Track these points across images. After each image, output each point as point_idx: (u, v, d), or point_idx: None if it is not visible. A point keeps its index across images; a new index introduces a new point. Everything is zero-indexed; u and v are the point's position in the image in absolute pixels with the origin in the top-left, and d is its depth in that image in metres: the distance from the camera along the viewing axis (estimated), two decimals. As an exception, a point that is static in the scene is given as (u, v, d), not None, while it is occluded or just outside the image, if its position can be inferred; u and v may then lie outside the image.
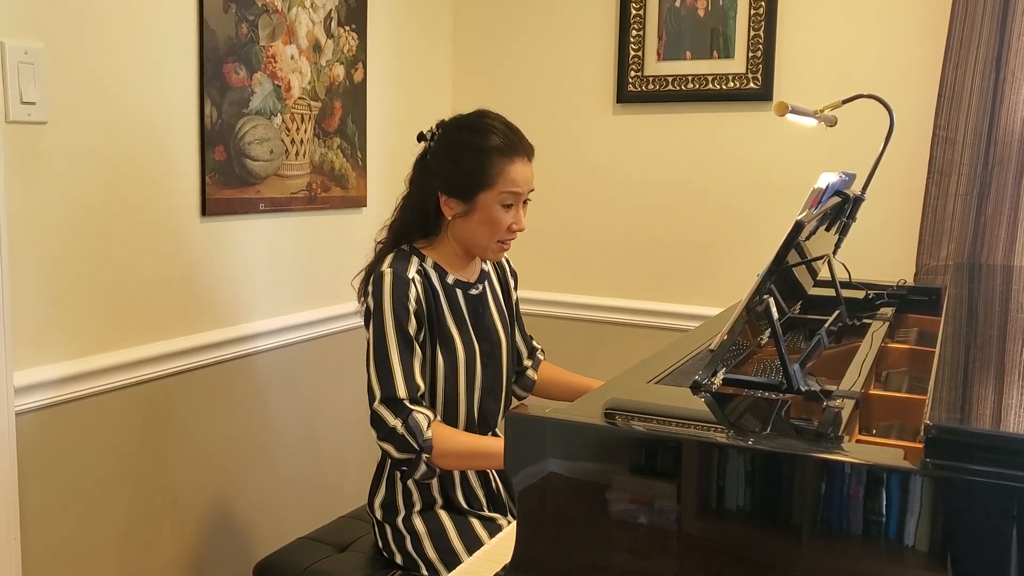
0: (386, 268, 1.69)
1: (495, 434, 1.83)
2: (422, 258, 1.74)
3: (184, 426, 2.10)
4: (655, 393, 1.18)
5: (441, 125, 1.78)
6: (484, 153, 1.69)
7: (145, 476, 2.01)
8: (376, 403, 1.64)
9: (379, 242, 1.81)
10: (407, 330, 1.66)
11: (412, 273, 1.69)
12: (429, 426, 1.62)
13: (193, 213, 2.06)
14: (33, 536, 1.77)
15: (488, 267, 1.89)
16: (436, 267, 1.74)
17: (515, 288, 1.96)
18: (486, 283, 1.85)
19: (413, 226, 1.77)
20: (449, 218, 1.74)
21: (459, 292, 1.77)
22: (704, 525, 0.96)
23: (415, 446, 1.60)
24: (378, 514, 1.79)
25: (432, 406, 1.73)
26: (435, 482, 1.75)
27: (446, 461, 1.63)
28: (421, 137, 1.80)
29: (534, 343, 2.04)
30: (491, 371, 1.80)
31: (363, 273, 1.78)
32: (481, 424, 1.80)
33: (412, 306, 1.67)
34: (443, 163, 1.73)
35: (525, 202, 1.76)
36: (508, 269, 1.96)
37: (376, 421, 1.64)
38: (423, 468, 1.62)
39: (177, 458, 2.09)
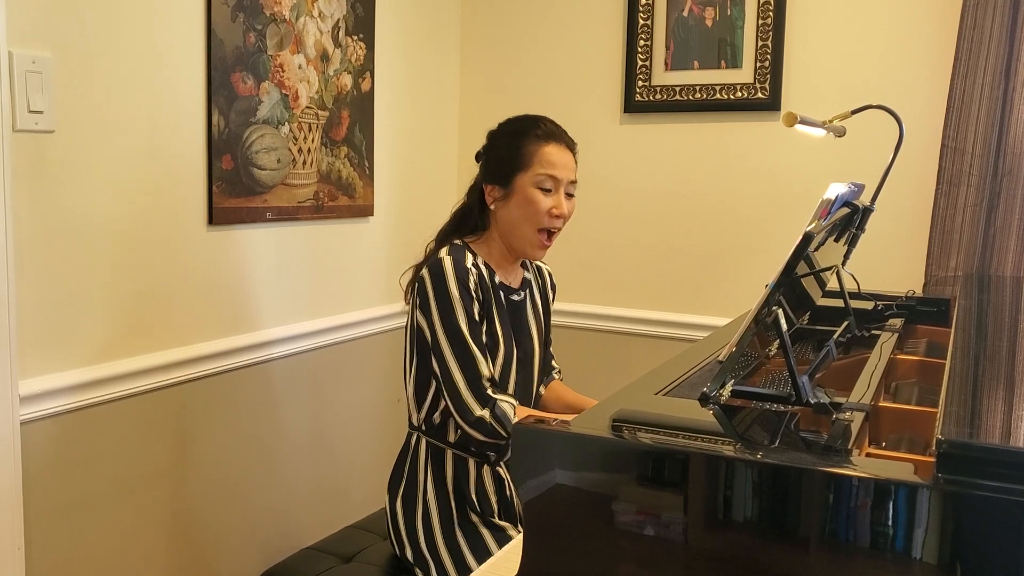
0: (444, 255, 1.72)
1: None
2: (474, 255, 1.77)
3: (189, 435, 2.09)
4: (663, 405, 1.17)
5: (489, 133, 1.86)
6: (519, 137, 1.78)
7: (151, 485, 2.01)
8: (464, 393, 1.67)
9: (429, 246, 1.86)
10: (473, 314, 1.70)
11: (468, 265, 1.73)
12: (515, 413, 1.67)
13: (200, 222, 2.06)
14: (38, 546, 1.77)
15: (530, 275, 1.92)
16: (486, 265, 1.78)
17: (552, 301, 2.00)
18: (527, 291, 1.89)
19: (460, 222, 1.84)
20: (492, 207, 1.79)
21: (503, 294, 1.80)
22: (711, 538, 0.95)
23: (504, 434, 1.66)
24: (395, 505, 1.79)
25: None
26: (450, 477, 1.77)
27: None
28: (479, 156, 1.87)
29: (552, 363, 2.06)
30: (523, 377, 1.83)
31: (411, 271, 1.81)
32: None
33: (474, 293, 1.71)
34: (486, 156, 1.83)
35: (570, 196, 1.80)
36: (549, 281, 2.00)
37: (462, 409, 1.67)
38: (511, 453, 1.68)
39: (182, 467, 2.08)
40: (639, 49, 2.70)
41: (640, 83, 2.71)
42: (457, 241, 1.79)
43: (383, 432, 2.68)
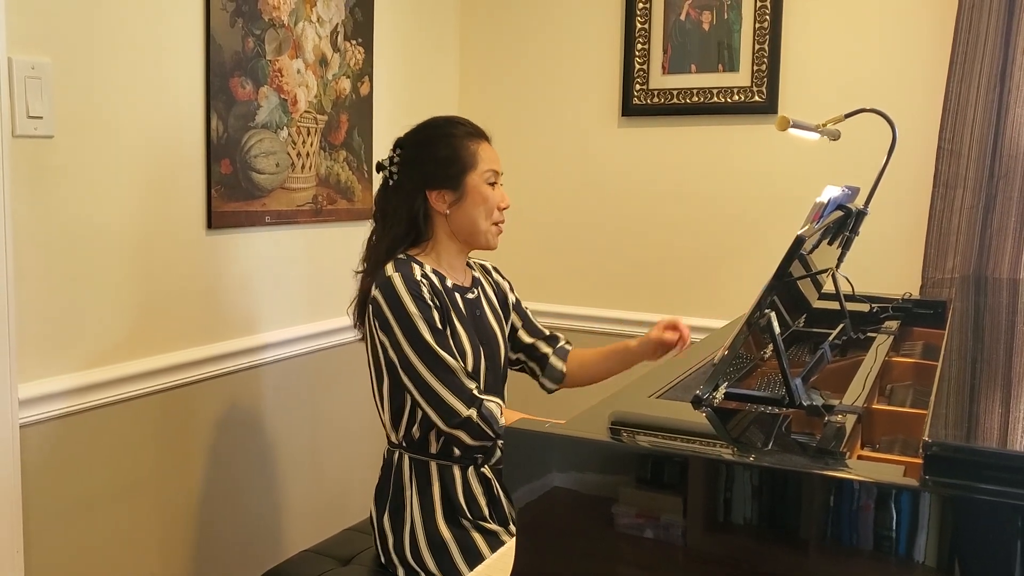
0: (392, 273, 1.70)
1: None
2: (420, 265, 1.76)
3: (188, 438, 2.10)
4: (656, 407, 1.18)
5: (399, 142, 1.84)
6: (456, 139, 1.78)
7: (149, 489, 2.01)
8: (447, 398, 1.66)
9: (360, 272, 1.82)
10: (435, 322, 1.68)
11: (418, 276, 1.71)
12: (502, 413, 1.67)
13: (199, 226, 2.07)
14: (37, 549, 1.77)
15: (478, 274, 1.92)
16: (435, 272, 1.77)
17: (512, 290, 2.00)
18: (479, 288, 1.89)
19: (401, 238, 1.79)
20: (445, 211, 1.78)
21: (458, 296, 1.80)
22: (701, 540, 0.96)
23: (492, 434, 1.66)
24: (382, 522, 1.79)
25: None
26: (436, 488, 1.76)
27: None
28: (380, 167, 1.85)
29: (556, 333, 2.01)
30: (491, 373, 1.82)
31: (355, 301, 1.81)
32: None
33: (430, 301, 1.70)
34: (421, 164, 1.79)
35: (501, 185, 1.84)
36: (501, 277, 1.99)
37: (446, 414, 1.66)
38: (499, 454, 1.72)
39: (181, 470, 2.09)
40: (636, 53, 2.71)
41: (638, 86, 2.71)
42: (401, 256, 1.76)
43: (382, 435, 2.68)
